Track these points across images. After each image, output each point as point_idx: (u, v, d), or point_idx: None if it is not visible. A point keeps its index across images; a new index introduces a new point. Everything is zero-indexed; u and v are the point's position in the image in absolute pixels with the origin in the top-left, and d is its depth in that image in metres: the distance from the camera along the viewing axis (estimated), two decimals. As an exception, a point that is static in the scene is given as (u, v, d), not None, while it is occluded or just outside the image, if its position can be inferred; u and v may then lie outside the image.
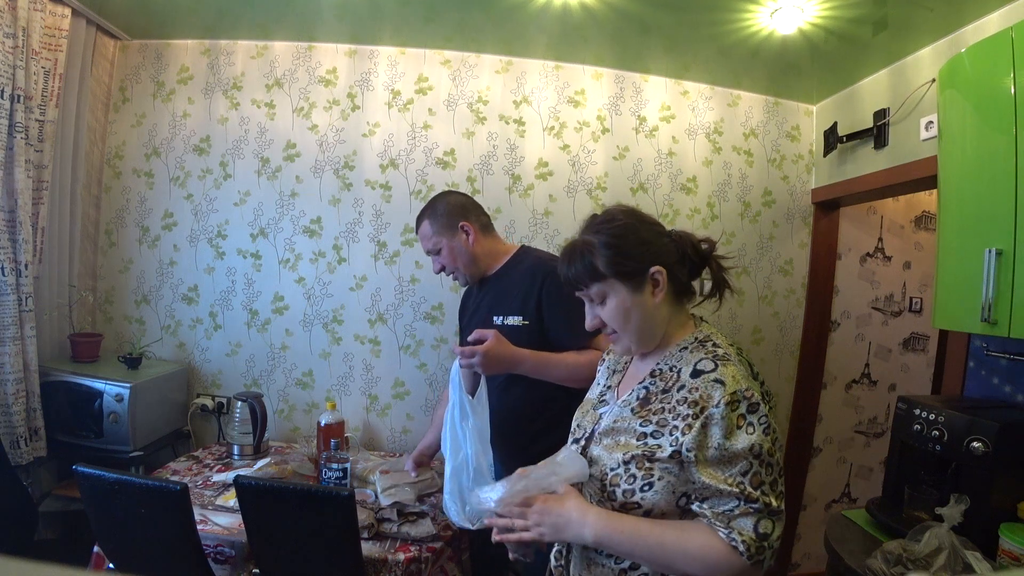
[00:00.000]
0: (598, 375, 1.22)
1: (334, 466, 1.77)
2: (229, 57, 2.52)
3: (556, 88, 2.56)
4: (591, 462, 1.00)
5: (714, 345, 0.99)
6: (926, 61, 2.04)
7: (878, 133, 2.22)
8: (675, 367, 0.99)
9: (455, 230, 1.71)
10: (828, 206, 2.66)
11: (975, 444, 1.37)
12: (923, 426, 1.52)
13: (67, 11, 2.11)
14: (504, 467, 1.77)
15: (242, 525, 1.49)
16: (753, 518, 0.86)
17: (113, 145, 2.54)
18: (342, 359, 2.54)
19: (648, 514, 0.91)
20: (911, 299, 2.85)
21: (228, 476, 1.90)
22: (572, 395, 1.46)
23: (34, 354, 2.05)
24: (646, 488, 0.91)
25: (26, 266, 2.01)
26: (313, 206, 2.53)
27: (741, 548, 0.84)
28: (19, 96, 1.92)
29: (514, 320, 1.61)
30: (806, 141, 2.70)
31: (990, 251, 1.33)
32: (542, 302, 1.58)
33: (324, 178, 2.52)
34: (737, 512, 0.86)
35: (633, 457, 0.93)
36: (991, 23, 1.75)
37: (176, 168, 2.53)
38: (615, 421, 1.00)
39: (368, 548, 1.54)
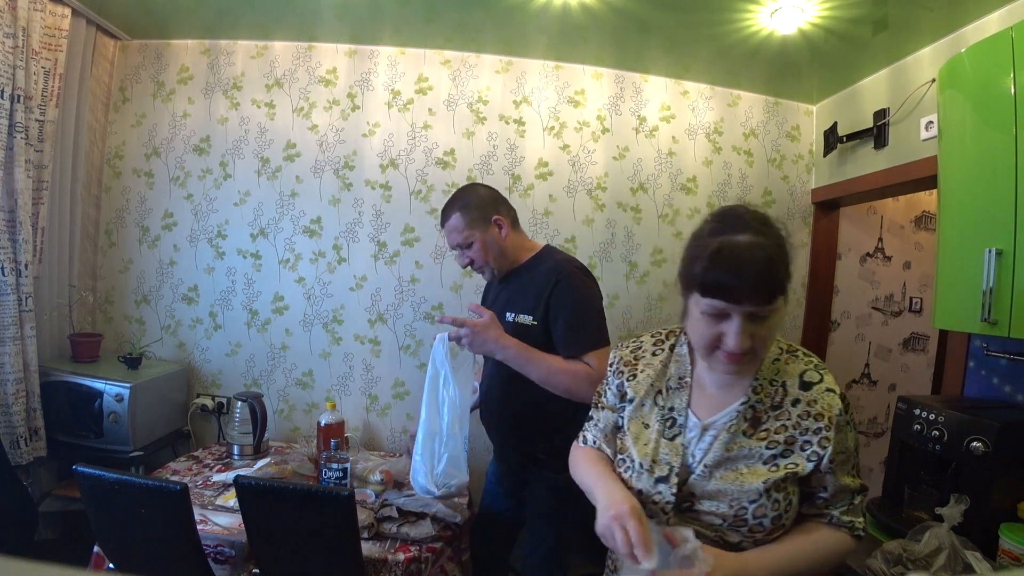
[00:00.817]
0: (636, 395, 1.02)
1: (334, 466, 1.77)
2: (229, 57, 2.52)
3: (556, 88, 2.56)
4: (706, 497, 0.91)
5: (805, 354, 0.98)
6: (926, 61, 2.04)
7: (878, 133, 2.22)
8: (775, 380, 0.94)
9: (488, 223, 1.64)
10: (828, 206, 2.66)
11: (975, 444, 1.37)
12: (923, 426, 1.52)
13: (67, 11, 2.11)
14: (504, 464, 1.77)
15: (242, 525, 1.49)
16: (862, 504, 0.95)
17: (113, 145, 2.54)
18: (342, 359, 2.54)
19: (786, 532, 0.93)
20: (911, 299, 2.85)
21: (228, 476, 1.90)
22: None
23: (34, 354, 2.05)
24: (788, 509, 0.91)
25: (26, 266, 2.01)
26: (313, 206, 2.53)
27: (862, 533, 0.94)
28: (19, 96, 1.92)
29: (525, 319, 1.58)
30: (806, 141, 2.70)
31: (990, 251, 1.33)
32: (550, 304, 1.55)
33: (324, 178, 2.52)
34: (856, 502, 0.94)
35: (775, 483, 0.89)
36: (991, 23, 1.75)
37: (176, 168, 2.53)
38: (727, 449, 0.91)
39: (368, 548, 1.54)
